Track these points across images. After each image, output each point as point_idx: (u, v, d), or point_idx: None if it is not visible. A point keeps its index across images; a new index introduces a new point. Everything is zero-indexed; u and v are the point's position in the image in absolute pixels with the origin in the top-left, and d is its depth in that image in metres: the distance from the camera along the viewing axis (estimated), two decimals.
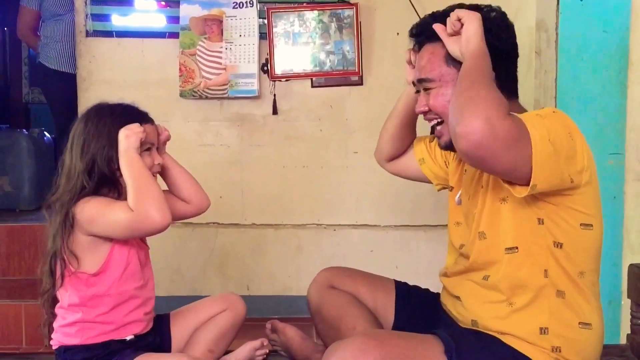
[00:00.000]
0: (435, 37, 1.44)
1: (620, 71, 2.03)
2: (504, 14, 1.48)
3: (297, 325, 2.88)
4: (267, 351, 1.81)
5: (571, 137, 1.27)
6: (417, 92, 1.53)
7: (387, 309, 1.69)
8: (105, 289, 1.54)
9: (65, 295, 1.54)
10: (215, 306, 1.76)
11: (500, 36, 1.42)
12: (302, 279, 2.95)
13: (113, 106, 1.62)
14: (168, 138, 1.77)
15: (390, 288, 1.72)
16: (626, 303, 1.83)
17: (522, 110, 1.46)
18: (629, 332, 1.74)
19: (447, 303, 1.55)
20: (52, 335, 1.57)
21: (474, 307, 1.42)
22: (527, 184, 1.21)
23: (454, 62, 1.42)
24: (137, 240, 1.61)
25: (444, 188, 1.77)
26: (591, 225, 1.34)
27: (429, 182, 1.83)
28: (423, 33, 1.50)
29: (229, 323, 1.74)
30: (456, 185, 1.62)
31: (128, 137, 1.54)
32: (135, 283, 1.58)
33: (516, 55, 1.49)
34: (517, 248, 1.35)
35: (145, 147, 1.59)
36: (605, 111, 2.06)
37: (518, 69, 1.50)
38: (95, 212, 1.51)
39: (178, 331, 1.71)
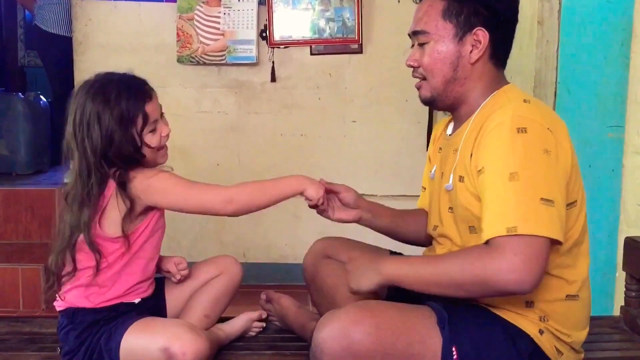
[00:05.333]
0: None
1: (623, 43, 2.00)
2: None
3: (293, 293, 2.89)
4: (264, 325, 1.80)
5: (548, 155, 1.27)
6: (412, 46, 1.50)
7: None
8: (130, 257, 1.55)
9: (83, 260, 1.54)
10: (210, 271, 1.75)
11: (491, 3, 1.40)
12: (298, 247, 2.96)
13: (113, 81, 1.54)
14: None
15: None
16: (620, 275, 1.84)
17: (505, 82, 1.44)
18: (623, 304, 1.75)
19: None
20: (60, 296, 1.57)
21: None
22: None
23: (451, 17, 1.39)
24: (163, 219, 1.62)
25: None
26: (575, 202, 1.34)
27: None
28: None
29: (224, 287, 1.73)
30: (433, 162, 1.61)
31: (314, 190, 1.57)
32: (153, 254, 1.60)
33: (515, 21, 1.46)
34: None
35: (150, 129, 1.53)
36: (607, 83, 2.04)
37: (519, 39, 1.48)
38: (172, 185, 1.53)
39: (173, 296, 1.70)
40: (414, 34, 1.45)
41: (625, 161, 2.03)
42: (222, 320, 1.75)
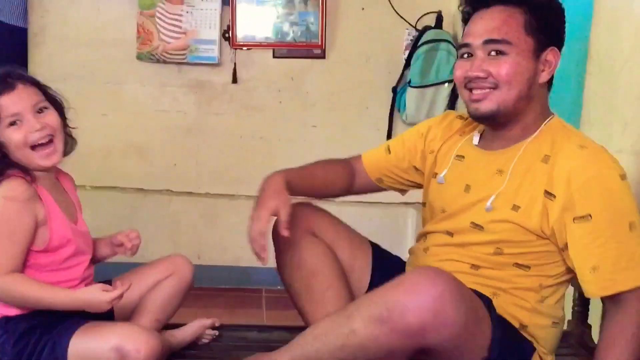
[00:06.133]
0: (511, 2, 1.36)
1: (578, 63, 2.05)
2: None
3: (247, 296, 2.86)
4: (217, 333, 1.77)
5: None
6: (466, 55, 1.41)
7: (362, 274, 1.61)
8: (49, 262, 1.48)
9: None
10: (160, 272, 1.67)
11: (562, 19, 1.39)
12: None
13: None
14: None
15: (368, 251, 1.64)
16: (568, 290, 1.88)
17: (549, 113, 1.44)
18: (570, 318, 1.80)
19: None
20: None
21: None
22: None
23: (533, 32, 1.35)
24: (70, 220, 1.54)
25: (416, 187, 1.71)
26: None
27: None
28: None
29: (175, 289, 1.66)
30: (442, 164, 1.55)
31: (98, 304, 1.42)
32: (72, 253, 1.53)
33: None
34: (529, 267, 1.39)
35: (6, 122, 1.42)
36: (562, 103, 2.08)
37: None
38: None
39: (121, 300, 1.65)
40: (488, 42, 1.37)
41: None
42: (174, 326, 1.72)
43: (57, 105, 1.55)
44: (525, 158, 1.38)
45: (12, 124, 1.42)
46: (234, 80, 2.92)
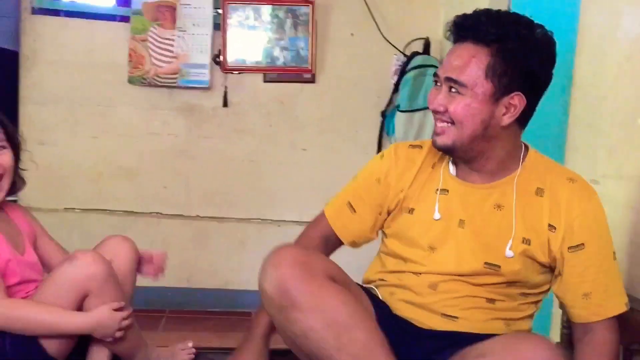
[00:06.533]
0: (483, 40, 1.34)
1: (563, 89, 2.09)
2: (550, 36, 1.39)
3: (235, 319, 2.85)
4: (194, 350, 1.76)
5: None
6: (436, 83, 1.42)
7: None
8: None
9: None
10: None
11: (543, 62, 1.38)
12: (244, 274, 2.94)
13: None
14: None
15: (363, 293, 1.52)
16: (557, 312, 1.90)
17: (520, 145, 1.45)
18: (559, 340, 1.81)
19: (428, 321, 1.45)
20: None
21: (475, 326, 1.41)
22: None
23: (493, 77, 1.34)
24: (16, 251, 1.52)
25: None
26: None
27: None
28: (472, 28, 1.36)
29: (119, 275, 1.57)
30: (425, 203, 1.49)
31: (104, 329, 1.43)
32: (16, 282, 1.51)
33: (547, 88, 1.43)
34: (529, 294, 1.47)
35: None
36: (547, 129, 2.11)
37: None
38: None
39: None
40: (448, 79, 1.38)
41: None
42: None
43: (15, 145, 1.54)
44: (520, 192, 1.42)
45: None
46: (225, 104, 2.94)
